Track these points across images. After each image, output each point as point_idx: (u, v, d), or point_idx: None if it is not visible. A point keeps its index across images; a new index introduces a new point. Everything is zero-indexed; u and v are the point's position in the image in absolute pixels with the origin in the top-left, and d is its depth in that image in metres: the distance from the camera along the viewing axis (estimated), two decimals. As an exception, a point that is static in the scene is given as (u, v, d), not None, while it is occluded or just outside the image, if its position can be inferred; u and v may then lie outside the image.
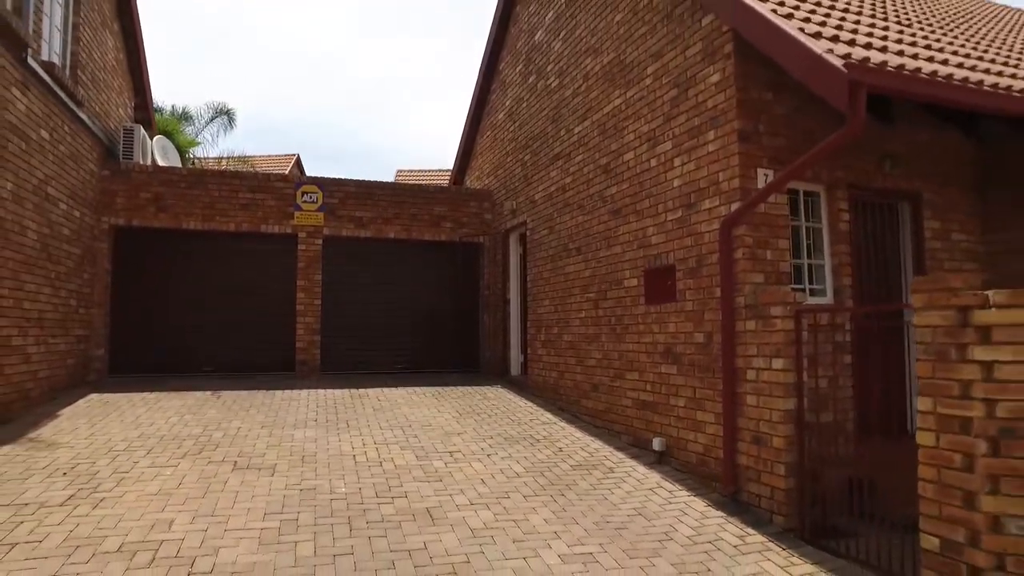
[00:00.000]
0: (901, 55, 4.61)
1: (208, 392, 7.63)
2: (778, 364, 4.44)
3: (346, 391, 8.07)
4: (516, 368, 9.81)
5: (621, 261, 6.50)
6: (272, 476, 4.80)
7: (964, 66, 4.89)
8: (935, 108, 5.39)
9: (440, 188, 10.90)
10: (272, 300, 9.25)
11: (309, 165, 28.24)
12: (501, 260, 10.24)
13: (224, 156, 21.00)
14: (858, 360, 4.94)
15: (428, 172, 24.84)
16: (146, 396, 7.29)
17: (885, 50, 4.59)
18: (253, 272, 9.27)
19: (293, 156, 25.51)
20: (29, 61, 6.00)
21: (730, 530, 4.25)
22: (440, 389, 8.45)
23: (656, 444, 5.63)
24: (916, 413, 3.44)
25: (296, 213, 9.35)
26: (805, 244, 5.41)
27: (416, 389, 8.36)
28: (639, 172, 6.20)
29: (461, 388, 8.63)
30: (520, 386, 8.84)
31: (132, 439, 5.57)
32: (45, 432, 5.69)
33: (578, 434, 6.48)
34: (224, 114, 20.15)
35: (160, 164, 9.70)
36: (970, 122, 5.83)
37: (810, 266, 5.42)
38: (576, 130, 7.52)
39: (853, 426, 4.83)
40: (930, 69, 4.38)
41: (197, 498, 4.28)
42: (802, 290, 5.16)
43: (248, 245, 9.25)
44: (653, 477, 5.21)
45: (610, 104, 6.77)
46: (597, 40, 7.11)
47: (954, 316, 3.21)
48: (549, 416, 7.20)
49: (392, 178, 25.39)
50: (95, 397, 7.18)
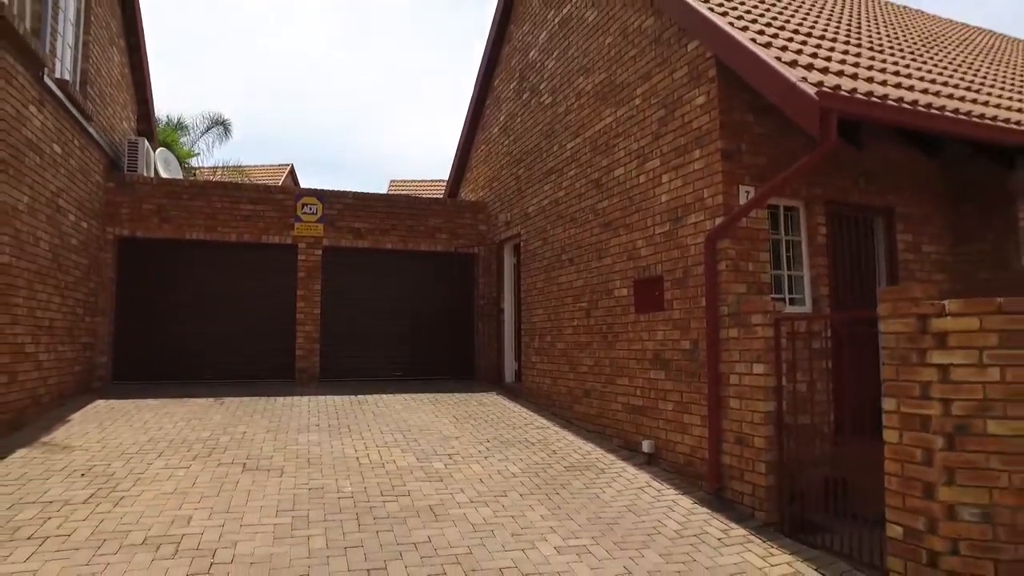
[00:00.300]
0: (871, 81, 4.96)
1: (211, 399, 7.85)
2: (759, 369, 4.74)
3: (346, 398, 8.31)
4: (510, 375, 10.08)
5: (612, 272, 6.80)
6: (281, 476, 5.04)
7: (930, 91, 5.25)
8: (902, 130, 5.74)
9: (436, 200, 11.19)
10: (272, 309, 9.48)
11: (302, 174, 28.47)
12: (496, 270, 10.53)
13: (219, 166, 21.25)
14: (835, 365, 5.24)
15: (421, 182, 25.17)
16: (151, 402, 7.51)
17: (856, 77, 4.94)
18: (254, 282, 9.49)
19: (287, 166, 25.75)
20: (45, 79, 6.25)
21: (714, 525, 4.54)
22: (437, 396, 8.71)
23: (646, 446, 5.92)
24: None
25: (296, 224, 9.61)
26: (785, 256, 5.75)
27: (414, 396, 8.61)
28: (629, 187, 6.51)
29: (457, 395, 8.89)
30: (514, 392, 9.11)
31: (143, 442, 5.79)
32: (58, 436, 5.90)
33: (571, 437, 6.75)
34: (220, 124, 20.38)
35: (163, 176, 9.93)
36: (934, 143, 6.18)
37: (790, 277, 5.75)
38: (569, 146, 7.84)
39: (830, 428, 5.13)
40: (897, 95, 4.73)
41: (211, 496, 4.52)
42: (782, 300, 5.48)
43: (249, 255, 9.48)
44: (643, 477, 5.49)
45: (601, 122, 7.10)
46: (589, 60, 7.44)
47: (915, 323, 3.53)
48: (543, 421, 7.48)
49: (385, 187, 25.67)
50: (102, 403, 7.38)
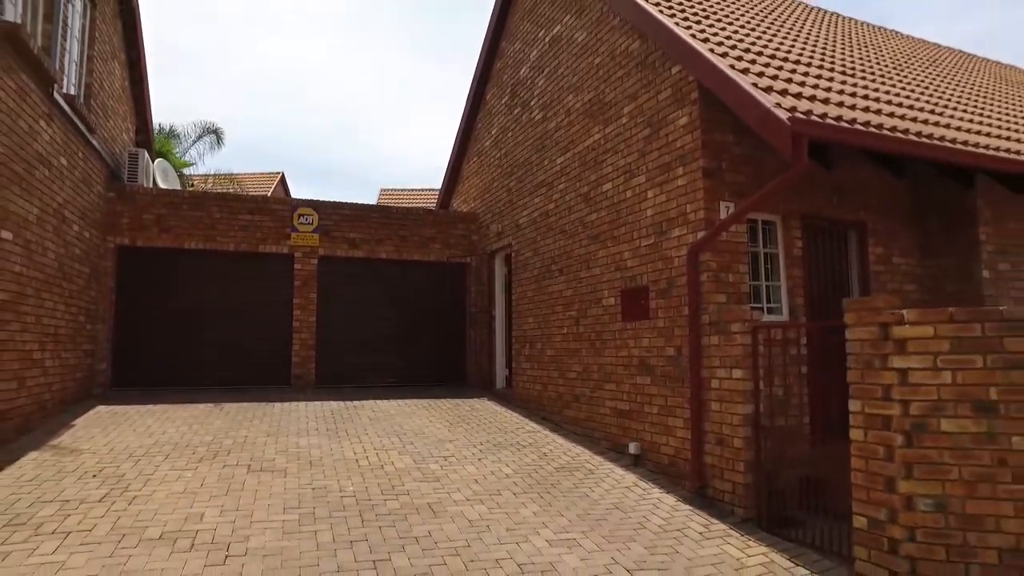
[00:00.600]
0: (841, 106, 5.32)
1: (210, 404, 8.05)
2: (737, 374, 5.05)
3: (342, 403, 8.53)
4: (501, 382, 10.34)
5: (600, 282, 7.11)
6: (285, 477, 5.27)
7: (896, 115, 5.63)
8: (871, 152, 6.11)
9: (429, 211, 11.47)
10: (269, 317, 9.70)
11: (292, 182, 28.62)
12: (487, 279, 10.82)
13: (211, 174, 21.39)
14: (810, 371, 5.57)
15: (412, 191, 25.41)
16: (151, 408, 7.69)
17: (827, 101, 5.30)
18: (251, 290, 9.70)
19: (278, 174, 25.93)
20: (54, 95, 6.47)
21: (696, 520, 4.83)
22: (430, 401, 8.95)
23: (632, 448, 6.21)
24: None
25: (293, 234, 9.84)
26: (763, 267, 6.09)
27: (408, 401, 8.85)
28: (616, 202, 6.84)
29: (450, 400, 9.14)
30: (505, 398, 9.38)
31: (148, 446, 6.00)
32: (65, 440, 6.09)
33: (561, 440, 7.03)
34: (212, 133, 20.53)
35: (161, 186, 10.14)
36: (901, 163, 6.56)
37: (768, 287, 6.09)
38: (559, 161, 8.17)
39: (806, 429, 5.45)
40: (864, 119, 5.09)
41: (220, 495, 4.74)
42: (760, 309, 5.82)
43: (246, 264, 9.70)
44: (629, 477, 5.78)
45: (590, 138, 7.42)
46: (578, 79, 7.78)
47: (877, 331, 3.86)
48: (534, 425, 7.75)
49: (376, 195, 25.92)
50: (103, 409, 7.56)
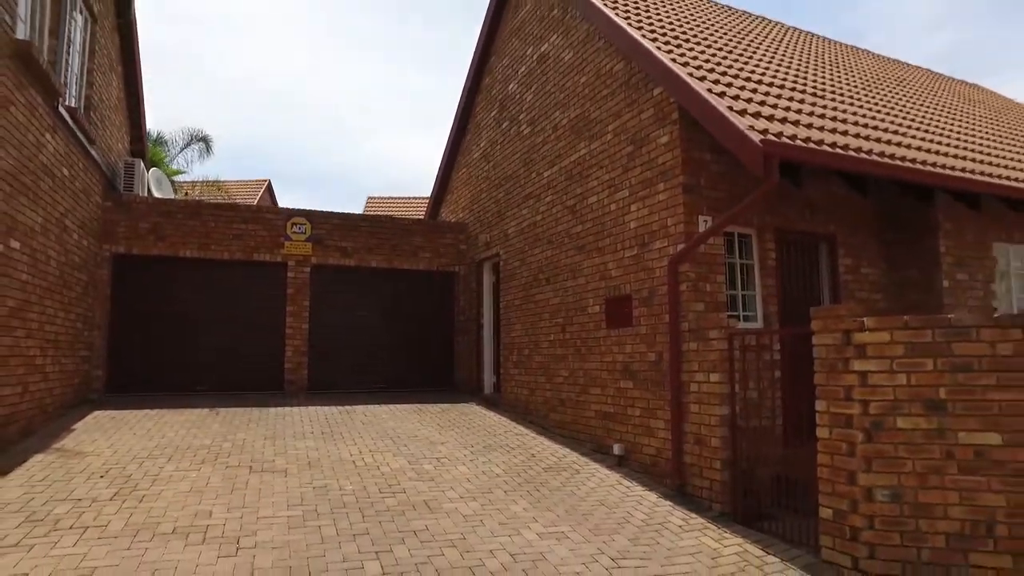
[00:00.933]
0: (810, 127, 5.71)
1: (206, 409, 8.24)
2: (715, 378, 5.39)
3: (334, 408, 8.76)
4: (489, 387, 10.62)
5: (585, 291, 7.43)
6: (286, 477, 5.51)
7: (861, 136, 6.04)
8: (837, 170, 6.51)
9: (419, 221, 11.76)
10: (262, 324, 9.90)
11: (278, 188, 28.72)
12: (475, 288, 11.11)
13: (198, 181, 21.51)
14: (783, 375, 5.93)
15: (399, 199, 25.65)
16: (148, 412, 7.87)
17: (797, 123, 5.69)
18: (245, 297, 9.91)
19: (265, 182, 26.08)
20: (59, 108, 6.68)
21: (676, 515, 5.15)
22: (420, 406, 9.21)
23: (616, 449, 6.53)
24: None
25: (286, 243, 10.07)
26: (739, 278, 6.45)
27: (398, 406, 9.10)
28: (601, 214, 7.17)
29: (439, 405, 9.40)
30: (493, 403, 9.66)
31: (151, 448, 6.20)
32: (68, 443, 6.27)
33: (548, 442, 7.33)
34: (201, 140, 20.69)
35: (156, 195, 10.32)
36: (865, 181, 6.95)
37: (743, 296, 6.45)
38: (546, 174, 8.50)
39: (779, 430, 5.80)
40: (832, 140, 5.48)
41: (226, 494, 4.98)
42: (736, 316, 6.17)
43: (241, 272, 9.90)
44: (614, 476, 6.09)
45: (576, 153, 7.77)
46: (565, 96, 8.12)
47: (840, 337, 4.22)
48: (521, 428, 8.04)
49: (363, 203, 26.10)
50: (101, 413, 7.72)
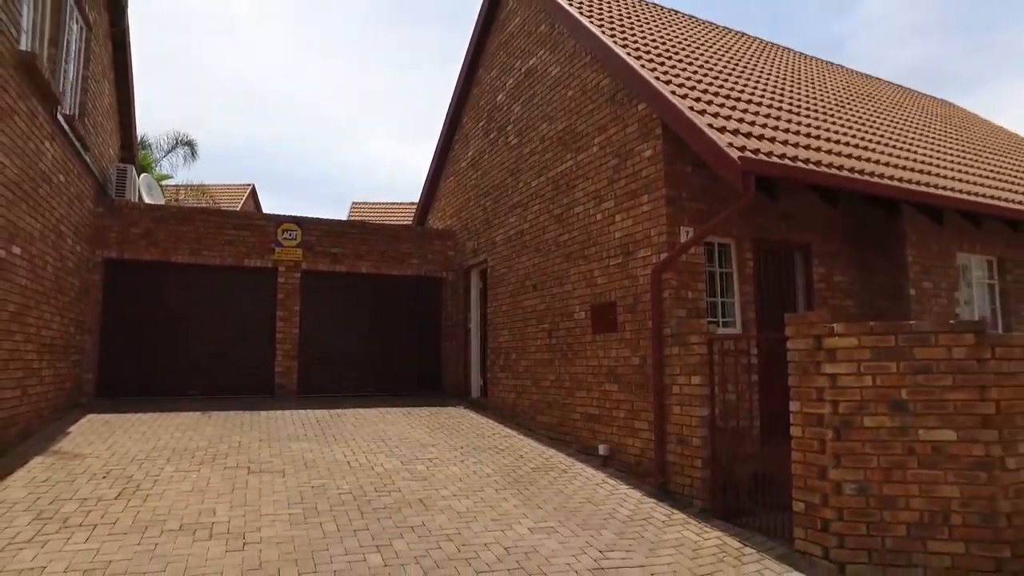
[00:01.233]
0: (785, 144, 6.04)
1: (199, 412, 8.35)
2: (696, 380, 5.68)
3: (325, 411, 8.92)
4: (476, 391, 10.84)
5: (572, 297, 7.70)
6: (284, 477, 5.69)
7: (833, 152, 6.38)
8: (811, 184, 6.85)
9: (407, 227, 11.96)
10: (253, 328, 10.04)
11: (262, 192, 28.70)
12: (463, 294, 11.33)
13: (182, 185, 21.47)
14: (760, 377, 6.23)
15: (383, 205, 25.80)
16: (141, 416, 7.97)
17: (774, 140, 6.01)
18: (236, 302, 10.03)
19: (249, 186, 26.04)
20: (57, 116, 6.81)
21: (660, 511, 5.42)
22: (409, 409, 9.40)
23: (601, 449, 6.79)
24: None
25: (277, 249, 10.21)
26: (719, 285, 6.76)
27: (387, 409, 9.28)
28: (587, 224, 7.45)
29: (428, 408, 9.60)
30: (481, 406, 9.88)
31: (148, 450, 6.33)
32: (65, 446, 6.38)
33: (535, 444, 7.57)
34: (186, 144, 20.65)
35: (146, 200, 10.41)
36: (836, 194, 7.29)
37: (723, 303, 6.76)
38: (533, 184, 8.77)
39: (758, 431, 6.09)
40: (805, 156, 5.81)
41: (227, 493, 5.15)
42: (716, 322, 6.48)
43: (232, 277, 10.03)
44: (600, 475, 6.35)
45: (563, 165, 8.04)
46: (552, 109, 8.40)
47: (812, 342, 4.51)
48: (509, 430, 8.27)
49: (347, 208, 26.20)
50: (94, 417, 7.81)
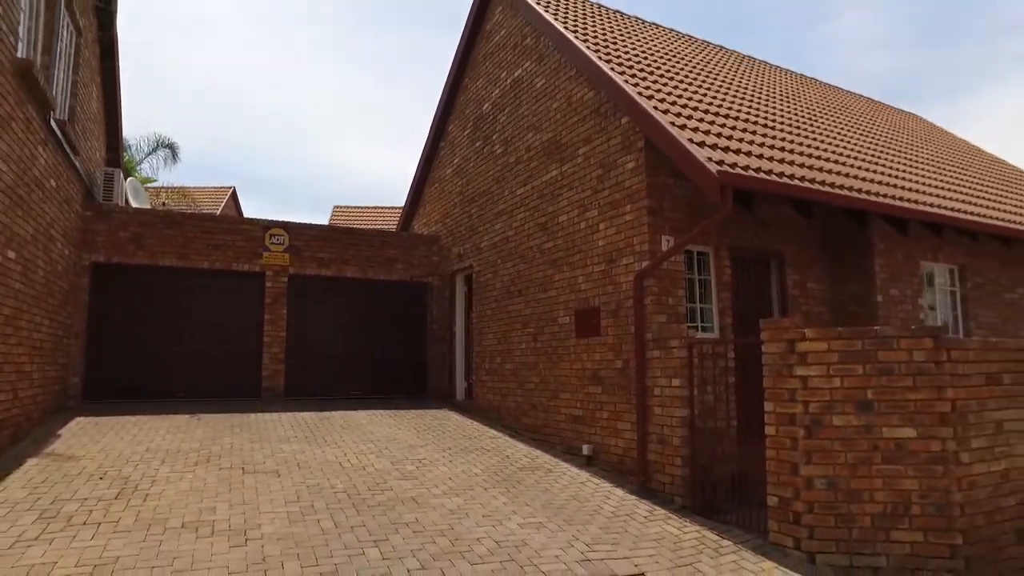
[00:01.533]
0: (761, 158, 6.36)
1: (187, 415, 8.43)
2: (675, 383, 5.95)
3: (313, 413, 9.05)
4: (461, 393, 11.03)
5: (556, 303, 7.95)
6: (278, 477, 5.84)
7: (806, 165, 6.72)
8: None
9: (393, 233, 12.14)
10: (241, 332, 10.13)
11: (243, 195, 28.56)
12: (448, 298, 11.53)
13: (162, 187, 21.32)
14: (737, 380, 6.54)
15: (365, 209, 25.84)
16: (130, 419, 8.03)
17: (750, 154, 6.33)
18: (223, 306, 10.12)
19: (229, 189, 25.91)
20: (50, 121, 6.88)
21: (642, 507, 5.67)
22: (395, 412, 9.57)
23: (585, 450, 7.04)
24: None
25: (264, 253, 10.32)
26: (698, 292, 7.06)
27: (374, 411, 9.44)
28: (571, 232, 7.71)
29: (414, 411, 9.77)
30: (466, 409, 10.08)
31: (142, 452, 6.43)
32: (58, 448, 6.45)
33: (520, 445, 7.79)
34: (167, 147, 20.50)
35: (133, 204, 10.45)
36: (809, 205, 7.65)
37: (701, 309, 7.06)
38: (519, 192, 9.01)
39: (735, 431, 6.38)
40: (780, 170, 6.13)
41: (225, 493, 5.29)
42: (695, 327, 6.77)
43: (219, 282, 10.11)
44: (584, 474, 6.59)
45: (548, 174, 8.30)
46: (538, 120, 8.66)
47: (785, 346, 4.81)
48: (494, 432, 8.49)
49: (328, 212, 26.20)
50: (83, 419, 7.86)
